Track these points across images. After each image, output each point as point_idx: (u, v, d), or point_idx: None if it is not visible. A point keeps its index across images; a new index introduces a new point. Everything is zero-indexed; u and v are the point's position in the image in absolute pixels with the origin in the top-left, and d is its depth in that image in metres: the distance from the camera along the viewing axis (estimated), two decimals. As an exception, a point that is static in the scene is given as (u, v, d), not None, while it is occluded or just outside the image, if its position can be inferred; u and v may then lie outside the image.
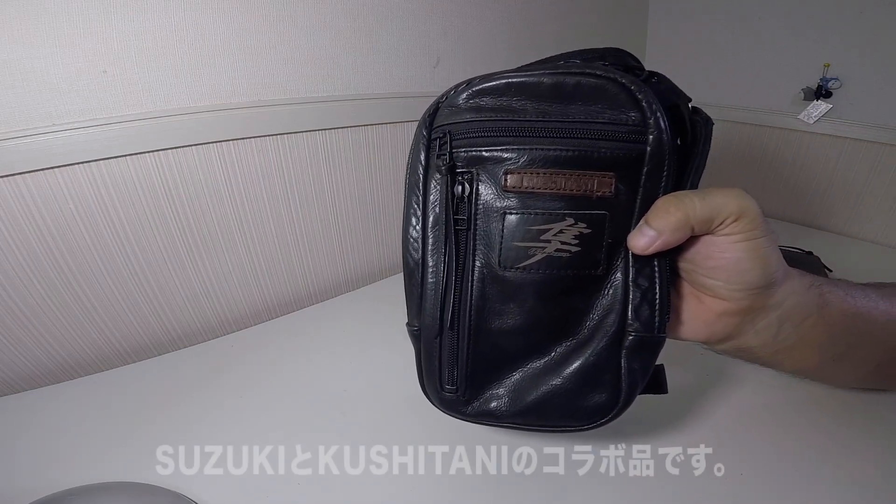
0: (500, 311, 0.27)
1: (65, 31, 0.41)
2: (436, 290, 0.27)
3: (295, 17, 0.52)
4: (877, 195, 0.71)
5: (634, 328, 0.26)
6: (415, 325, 0.29)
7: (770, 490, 0.33)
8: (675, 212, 0.24)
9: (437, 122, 0.26)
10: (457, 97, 0.26)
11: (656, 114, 0.23)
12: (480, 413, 0.29)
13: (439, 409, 0.30)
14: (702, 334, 0.28)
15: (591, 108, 0.24)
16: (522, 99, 0.25)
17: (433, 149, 0.27)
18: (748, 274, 0.25)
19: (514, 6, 0.70)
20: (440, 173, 0.26)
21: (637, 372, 0.26)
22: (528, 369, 0.28)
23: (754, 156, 0.83)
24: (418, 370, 0.30)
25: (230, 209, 0.55)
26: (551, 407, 0.27)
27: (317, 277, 0.65)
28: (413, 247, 0.27)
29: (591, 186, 0.24)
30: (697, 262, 0.26)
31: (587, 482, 0.34)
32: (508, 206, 0.25)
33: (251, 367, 0.48)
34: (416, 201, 0.27)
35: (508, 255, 0.25)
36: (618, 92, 0.24)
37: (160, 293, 0.53)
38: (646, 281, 0.26)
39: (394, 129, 0.64)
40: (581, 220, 0.25)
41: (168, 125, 0.47)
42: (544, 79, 0.24)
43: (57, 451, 0.38)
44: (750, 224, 0.24)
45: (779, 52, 0.76)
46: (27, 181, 0.42)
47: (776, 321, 0.27)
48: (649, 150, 0.24)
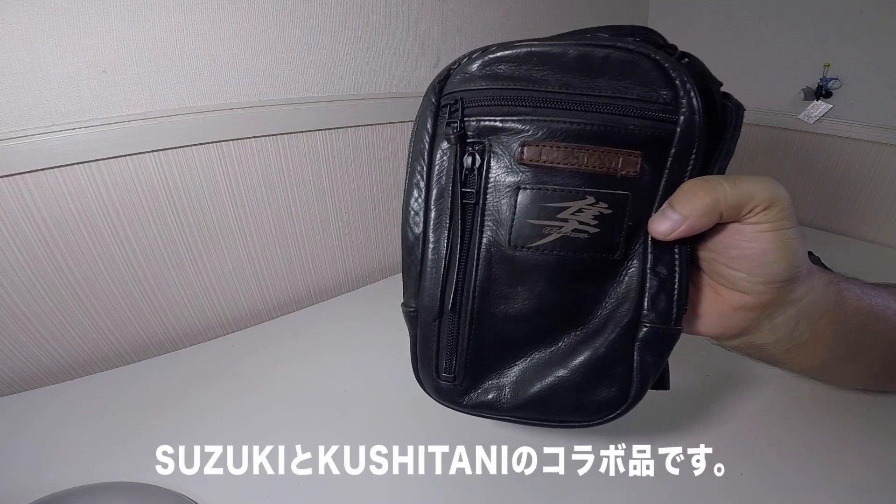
0: (507, 294, 0.25)
1: (65, 31, 0.41)
2: (437, 268, 0.25)
3: (295, 17, 0.52)
4: (877, 195, 0.71)
5: (650, 319, 0.24)
6: (411, 306, 0.27)
7: (770, 490, 0.33)
8: (705, 196, 0.22)
9: (448, 90, 0.24)
10: (470, 64, 0.24)
11: (690, 94, 0.22)
12: (478, 404, 0.27)
13: (434, 398, 0.28)
14: (716, 329, 0.27)
15: (620, 84, 0.22)
16: (544, 69, 0.23)
17: (442, 116, 0.25)
18: (773, 266, 0.24)
19: (513, 6, 0.70)
20: (449, 142, 0.24)
21: (650, 366, 0.25)
22: (532, 359, 0.26)
23: (754, 156, 0.83)
24: (412, 356, 0.28)
25: (230, 209, 0.55)
26: (556, 400, 0.26)
27: (317, 277, 0.65)
28: (414, 220, 0.26)
29: (616, 165, 0.23)
30: (720, 252, 0.25)
31: (587, 482, 0.34)
32: (523, 180, 0.23)
33: (251, 367, 0.48)
34: (420, 171, 0.25)
35: (521, 232, 0.24)
36: (650, 68, 0.22)
37: (160, 293, 0.53)
38: (665, 269, 0.24)
39: (394, 129, 0.64)
40: (602, 199, 0.23)
41: (168, 125, 0.47)
42: (570, 49, 0.23)
43: (57, 451, 0.38)
44: (780, 214, 0.23)
45: (779, 52, 0.76)
46: (27, 181, 0.42)
47: (793, 318, 0.26)
48: (679, 130, 0.22)
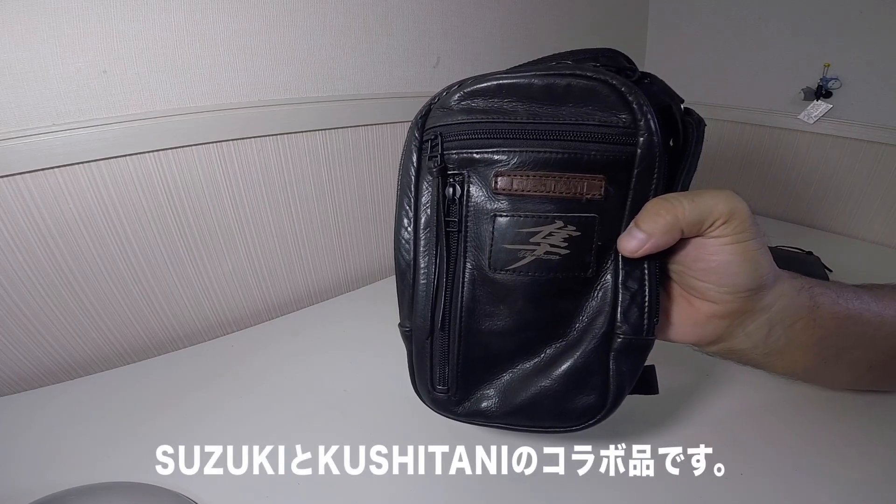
0: (491, 312, 0.27)
1: (65, 31, 0.41)
2: (427, 291, 0.27)
3: (295, 17, 0.52)
4: (877, 195, 0.71)
5: (623, 331, 0.26)
6: (406, 326, 0.29)
7: (770, 490, 0.33)
8: (665, 214, 0.23)
9: (429, 124, 0.26)
10: (449, 98, 0.26)
11: (647, 115, 0.23)
12: (471, 413, 0.29)
13: (431, 408, 0.30)
14: (691, 336, 0.28)
15: (582, 110, 0.24)
16: (514, 100, 0.25)
17: (425, 150, 0.26)
18: (738, 277, 0.25)
19: (513, 6, 0.70)
20: (432, 175, 0.26)
21: (625, 374, 0.27)
22: (517, 370, 0.28)
23: (754, 156, 0.83)
24: (410, 370, 0.30)
25: (230, 209, 0.55)
26: (540, 408, 0.27)
27: (317, 277, 0.65)
28: (405, 248, 0.27)
29: (581, 189, 0.24)
30: (687, 265, 0.26)
31: (587, 482, 0.34)
32: (499, 208, 0.25)
33: (251, 367, 0.48)
34: (408, 203, 0.27)
35: (498, 257, 0.25)
36: (608, 93, 0.24)
37: (160, 293, 0.53)
38: (635, 284, 0.26)
39: (394, 130, 0.64)
40: (570, 222, 0.25)
41: (168, 125, 0.47)
42: (535, 80, 0.24)
43: (57, 451, 0.38)
44: (740, 226, 0.24)
45: (779, 52, 0.76)
46: (27, 181, 0.42)
47: (766, 324, 0.27)
48: (639, 152, 0.24)
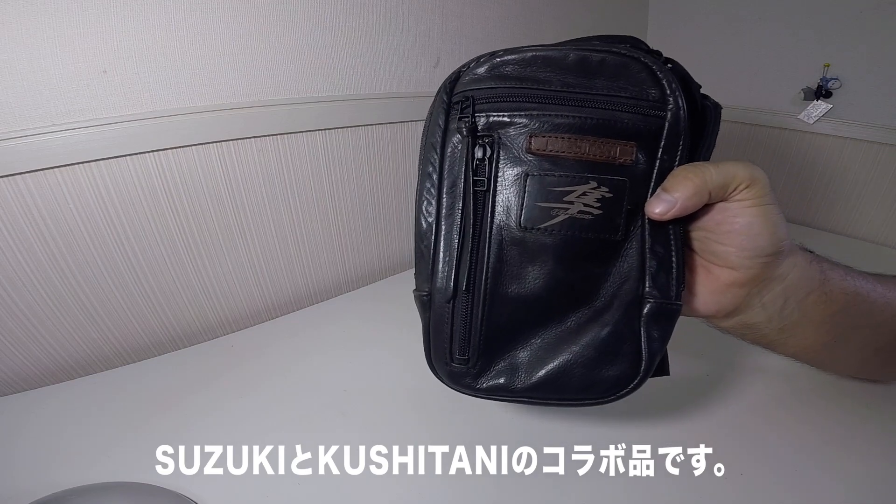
0: (519, 274, 0.27)
1: (65, 31, 0.41)
2: (450, 251, 0.27)
3: (295, 17, 0.52)
4: (877, 195, 0.71)
5: (652, 295, 0.26)
6: (424, 291, 0.28)
7: (770, 490, 0.33)
8: (694, 178, 0.25)
9: (458, 89, 0.27)
10: (479, 67, 0.27)
11: (675, 93, 0.25)
12: (492, 388, 0.28)
13: (447, 383, 0.29)
14: (711, 307, 0.29)
15: (615, 84, 0.25)
16: (547, 71, 0.26)
17: (453, 112, 0.27)
18: (759, 238, 0.26)
19: (513, 7, 0.70)
20: (461, 135, 0.26)
21: (656, 341, 0.26)
22: (544, 338, 0.27)
23: (754, 156, 0.83)
24: (425, 343, 0.29)
25: (230, 209, 0.55)
26: (569, 378, 0.27)
27: (317, 277, 0.65)
28: (427, 209, 0.27)
29: (614, 153, 0.25)
30: (711, 229, 0.27)
31: (587, 482, 0.34)
32: (531, 168, 0.26)
33: (251, 367, 0.48)
34: (433, 162, 0.27)
35: (531, 215, 0.26)
36: (640, 70, 0.25)
37: (160, 293, 0.53)
38: (661, 248, 0.26)
39: (394, 129, 0.64)
40: (604, 184, 0.25)
41: (168, 125, 0.47)
42: (570, 54, 0.25)
43: (57, 451, 0.38)
44: (760, 191, 0.25)
45: (779, 52, 0.76)
46: (27, 181, 0.42)
47: (781, 295, 0.28)
48: (667, 125, 0.25)
